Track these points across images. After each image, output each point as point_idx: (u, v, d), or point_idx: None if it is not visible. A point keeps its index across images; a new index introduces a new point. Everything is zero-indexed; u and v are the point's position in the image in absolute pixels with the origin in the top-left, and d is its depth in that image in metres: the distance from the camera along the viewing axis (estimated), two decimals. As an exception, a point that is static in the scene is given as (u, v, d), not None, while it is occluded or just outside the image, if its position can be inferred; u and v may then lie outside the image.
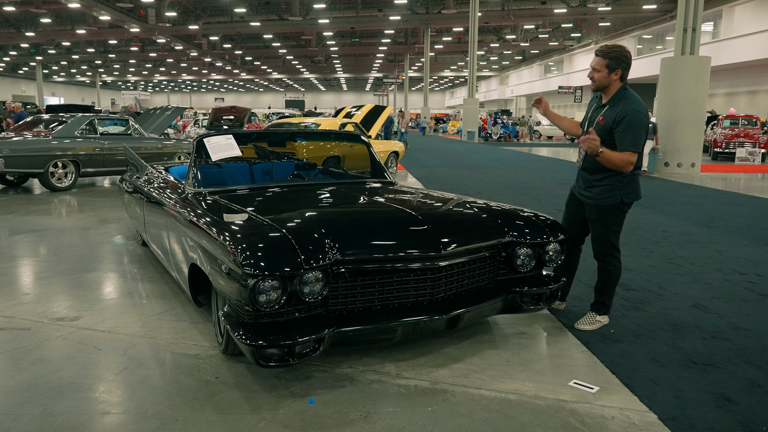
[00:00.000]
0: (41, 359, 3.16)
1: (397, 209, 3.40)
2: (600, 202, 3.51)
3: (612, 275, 3.62)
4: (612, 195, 3.47)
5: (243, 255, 2.58)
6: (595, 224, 3.58)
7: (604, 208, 3.50)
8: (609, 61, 3.38)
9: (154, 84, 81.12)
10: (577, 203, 3.73)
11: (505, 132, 31.51)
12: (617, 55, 3.39)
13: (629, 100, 3.39)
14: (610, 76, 3.40)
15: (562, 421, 2.57)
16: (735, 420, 2.58)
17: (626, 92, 3.43)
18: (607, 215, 3.52)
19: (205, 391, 2.81)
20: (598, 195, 3.51)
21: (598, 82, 3.44)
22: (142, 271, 4.95)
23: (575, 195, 3.74)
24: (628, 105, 3.36)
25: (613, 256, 3.59)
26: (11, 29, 38.06)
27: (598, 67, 3.42)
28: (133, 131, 10.92)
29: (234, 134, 4.25)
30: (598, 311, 3.69)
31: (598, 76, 3.43)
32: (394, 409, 2.65)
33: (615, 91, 3.44)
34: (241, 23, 36.79)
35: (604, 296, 3.67)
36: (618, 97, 3.42)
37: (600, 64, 3.41)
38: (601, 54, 3.41)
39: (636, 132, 3.32)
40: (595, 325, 3.64)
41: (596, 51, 3.47)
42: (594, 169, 3.50)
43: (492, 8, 34.12)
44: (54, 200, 8.95)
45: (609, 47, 3.45)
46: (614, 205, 3.48)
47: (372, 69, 61.99)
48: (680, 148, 13.37)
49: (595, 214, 3.55)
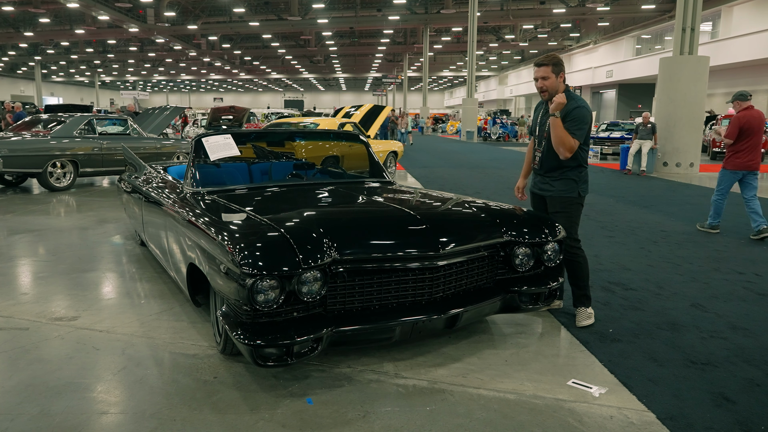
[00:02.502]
0: (39, 359, 3.16)
1: (396, 209, 3.40)
2: (562, 194, 3.69)
3: (582, 265, 3.74)
4: (572, 189, 3.68)
5: (241, 255, 2.58)
6: (559, 216, 3.70)
7: (567, 200, 3.69)
8: (554, 66, 3.60)
9: (153, 84, 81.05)
10: (539, 199, 3.88)
11: (504, 132, 31.52)
12: (557, 60, 3.63)
13: (574, 99, 3.63)
14: (557, 80, 3.61)
15: (561, 421, 2.57)
16: (733, 419, 2.58)
17: (570, 93, 3.67)
18: (569, 206, 3.70)
19: (203, 390, 2.81)
20: (559, 188, 3.70)
21: (550, 88, 3.63)
22: (140, 270, 4.94)
23: (534, 191, 3.91)
24: (575, 102, 3.60)
25: (577, 248, 3.74)
26: (10, 29, 38.01)
27: (547, 75, 3.61)
28: (131, 131, 10.91)
29: (233, 134, 4.24)
30: (583, 304, 3.77)
31: (549, 83, 3.62)
32: (393, 409, 2.65)
33: (561, 92, 3.63)
34: (240, 23, 36.76)
35: (583, 288, 3.76)
36: (568, 95, 3.63)
37: (547, 71, 3.61)
38: (546, 62, 3.61)
39: (580, 124, 3.56)
40: (591, 318, 3.74)
41: (536, 62, 3.67)
42: (551, 168, 3.71)
43: (491, 8, 34.13)
44: (52, 200, 8.95)
45: (547, 56, 3.68)
46: (575, 197, 3.69)
47: (371, 69, 61.96)
48: (679, 148, 13.38)
49: (560, 206, 3.72)
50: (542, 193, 3.81)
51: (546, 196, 3.78)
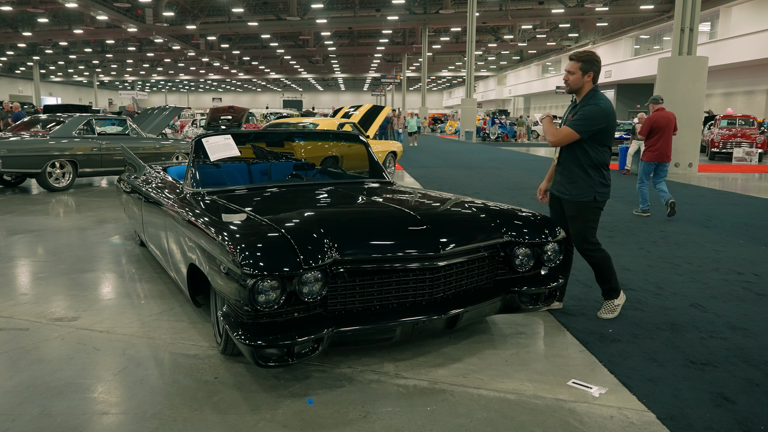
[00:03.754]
0: (40, 359, 3.16)
1: (396, 209, 3.41)
2: (576, 199, 3.70)
3: (603, 263, 3.78)
4: (586, 192, 3.68)
5: (242, 255, 2.58)
6: (574, 221, 3.73)
7: (583, 205, 3.70)
8: (582, 64, 3.61)
9: (151, 84, 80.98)
10: (558, 201, 3.88)
11: (503, 132, 31.54)
12: (590, 58, 3.62)
13: (597, 98, 3.63)
14: (583, 78, 3.62)
15: (561, 421, 2.57)
16: (733, 419, 2.59)
17: (596, 93, 3.65)
18: (585, 212, 3.71)
19: (204, 391, 2.81)
20: (576, 191, 3.70)
21: (572, 84, 3.66)
22: (140, 271, 4.94)
23: (552, 191, 3.91)
24: (591, 101, 3.62)
25: (595, 249, 3.76)
26: (8, 29, 37.96)
27: (573, 70, 3.64)
28: (130, 131, 10.90)
29: (232, 134, 4.24)
30: (611, 297, 3.85)
31: (572, 78, 3.64)
32: (393, 409, 2.65)
33: (586, 92, 3.66)
34: (238, 23, 36.75)
35: (608, 282, 3.83)
36: (588, 96, 3.66)
37: (574, 67, 3.62)
38: (576, 58, 3.63)
39: (586, 119, 3.56)
40: (615, 311, 3.82)
41: (570, 55, 3.68)
42: (565, 165, 3.72)
43: (490, 8, 34.15)
44: (52, 200, 8.94)
45: (582, 52, 3.69)
46: (590, 201, 3.69)
47: (370, 69, 61.96)
48: (678, 148, 13.36)
49: (574, 211, 3.73)
50: (559, 194, 3.81)
51: (563, 198, 3.78)
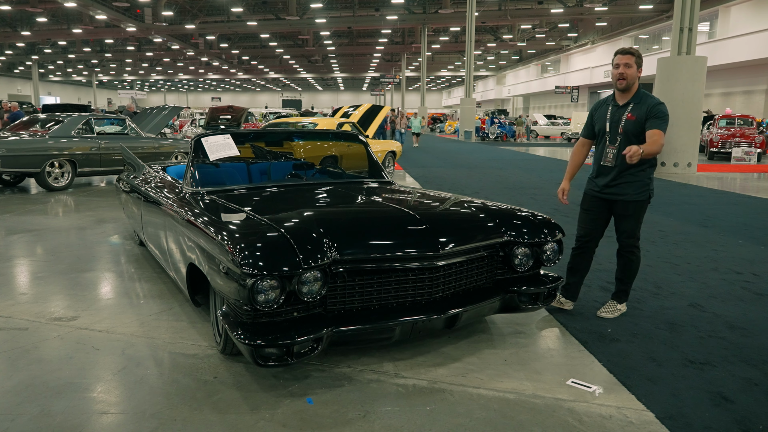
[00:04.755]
0: (39, 359, 3.16)
1: (396, 209, 3.41)
2: (636, 198, 3.65)
3: (635, 264, 3.80)
4: (645, 191, 3.66)
5: (242, 255, 2.58)
6: (630, 219, 3.70)
7: (640, 204, 3.67)
8: (636, 58, 3.56)
9: (150, 83, 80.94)
10: (600, 203, 3.78)
11: (502, 132, 31.56)
12: (640, 54, 3.59)
13: (650, 96, 3.58)
14: (637, 72, 3.57)
15: (560, 420, 2.57)
16: (732, 418, 2.59)
17: (642, 90, 3.63)
18: (641, 210, 3.70)
19: (203, 390, 2.81)
20: (635, 191, 3.64)
21: (630, 78, 3.55)
22: (139, 270, 4.94)
23: (598, 195, 3.77)
24: (654, 99, 3.55)
25: (637, 247, 3.78)
26: (7, 28, 37.93)
27: (630, 63, 3.54)
28: (129, 131, 10.90)
29: (231, 134, 4.24)
30: (619, 300, 3.86)
31: (631, 72, 3.54)
32: (393, 409, 2.66)
33: (636, 88, 3.60)
34: (237, 23, 36.74)
35: (627, 284, 3.85)
36: (640, 94, 3.60)
37: (631, 60, 3.54)
38: (629, 52, 3.56)
39: (665, 119, 3.51)
40: (615, 313, 3.83)
41: (621, 51, 3.60)
42: (628, 166, 3.59)
43: (489, 8, 34.16)
44: (50, 200, 8.93)
45: (631, 47, 3.63)
46: (646, 200, 3.69)
47: (369, 69, 61.97)
48: (677, 148, 13.40)
49: (632, 210, 3.68)
50: (613, 197, 3.69)
51: (618, 200, 3.67)
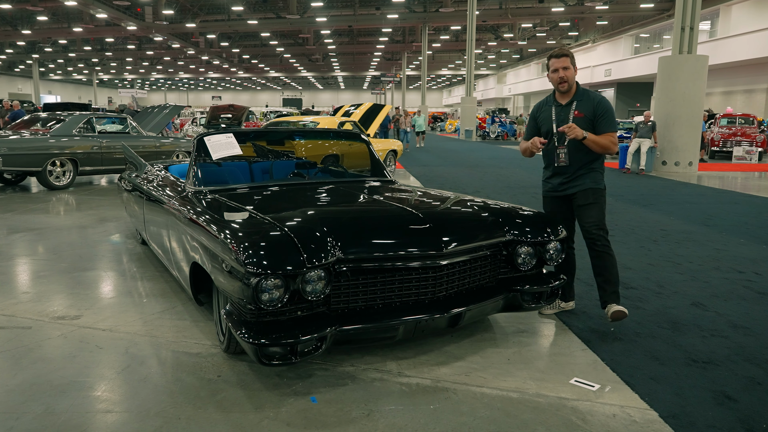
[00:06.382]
0: (42, 358, 3.16)
1: (399, 208, 3.41)
2: (594, 186, 3.71)
3: (612, 259, 3.71)
4: (601, 181, 3.75)
5: (246, 254, 2.58)
6: (593, 207, 3.70)
7: (600, 191, 3.73)
8: (571, 59, 3.67)
9: (151, 82, 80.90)
10: (557, 202, 3.83)
11: (503, 130, 31.56)
12: (572, 53, 3.71)
13: (590, 91, 3.71)
14: (575, 71, 3.68)
15: (564, 419, 2.58)
16: (735, 417, 2.59)
17: (581, 86, 3.72)
18: (601, 197, 3.74)
19: (207, 389, 2.81)
20: (592, 181, 3.72)
21: (571, 78, 3.67)
22: (141, 269, 4.94)
23: (557, 195, 3.81)
24: (596, 95, 3.68)
25: (607, 239, 3.72)
26: (7, 27, 37.89)
27: (568, 65, 3.65)
28: (131, 130, 10.90)
29: (233, 133, 4.24)
30: (616, 301, 3.65)
31: (570, 74, 3.66)
32: (396, 408, 2.66)
33: (576, 87, 3.71)
34: (238, 21, 36.70)
35: (615, 284, 3.68)
36: (581, 91, 3.71)
37: (567, 62, 3.66)
38: (564, 54, 3.68)
39: (613, 116, 3.67)
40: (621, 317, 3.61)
41: (556, 53, 3.70)
42: (583, 164, 3.71)
43: (490, 7, 34.10)
44: (52, 199, 8.94)
45: (563, 48, 3.75)
46: (602, 188, 3.75)
47: (369, 67, 61.91)
48: (678, 147, 13.40)
49: (592, 197, 3.71)
50: (572, 190, 3.74)
51: (576, 192, 3.72)
